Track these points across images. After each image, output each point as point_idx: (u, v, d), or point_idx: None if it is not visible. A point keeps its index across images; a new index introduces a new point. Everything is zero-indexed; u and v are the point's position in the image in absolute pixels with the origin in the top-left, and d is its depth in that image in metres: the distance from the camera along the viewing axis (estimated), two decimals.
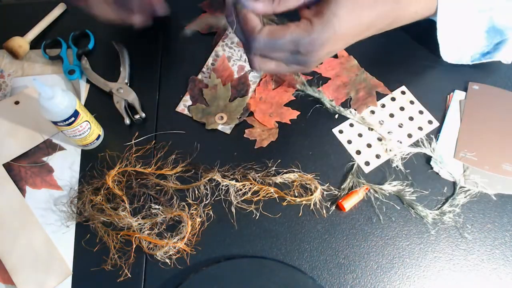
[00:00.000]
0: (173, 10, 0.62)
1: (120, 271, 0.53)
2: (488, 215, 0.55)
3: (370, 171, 0.58)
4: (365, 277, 0.52)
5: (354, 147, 0.59)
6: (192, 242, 0.54)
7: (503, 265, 0.53)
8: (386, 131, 0.60)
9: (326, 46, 0.46)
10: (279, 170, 0.58)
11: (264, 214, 0.55)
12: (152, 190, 0.57)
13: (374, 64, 0.65)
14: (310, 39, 0.45)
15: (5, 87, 0.64)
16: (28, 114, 0.62)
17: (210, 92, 0.63)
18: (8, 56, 0.67)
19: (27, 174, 0.59)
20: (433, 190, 0.56)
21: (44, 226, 0.56)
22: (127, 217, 0.53)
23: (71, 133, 0.55)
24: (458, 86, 0.63)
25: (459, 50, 0.59)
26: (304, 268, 0.53)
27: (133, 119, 0.61)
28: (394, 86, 0.63)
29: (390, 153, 0.58)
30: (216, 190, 0.57)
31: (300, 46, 0.45)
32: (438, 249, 0.53)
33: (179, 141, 0.60)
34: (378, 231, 0.55)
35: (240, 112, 0.61)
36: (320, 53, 0.47)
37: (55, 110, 0.51)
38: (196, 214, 0.55)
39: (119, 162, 0.58)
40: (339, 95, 0.63)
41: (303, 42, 0.45)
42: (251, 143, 0.60)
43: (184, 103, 0.63)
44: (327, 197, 0.56)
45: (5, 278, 0.53)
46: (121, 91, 0.62)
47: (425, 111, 0.61)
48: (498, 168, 0.57)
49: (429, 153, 0.57)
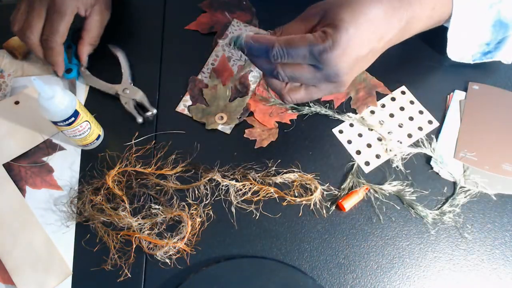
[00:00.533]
0: (173, 10, 0.62)
1: (120, 271, 0.53)
2: (488, 215, 0.55)
3: (370, 171, 0.58)
4: (365, 277, 0.52)
5: (354, 147, 0.59)
6: (192, 242, 0.54)
7: (503, 265, 0.53)
8: (386, 131, 0.60)
9: (346, 53, 0.43)
10: (279, 170, 0.58)
11: (264, 214, 0.55)
12: (152, 190, 0.57)
13: (374, 64, 0.64)
14: (325, 46, 0.42)
15: (5, 87, 0.64)
16: (28, 114, 0.62)
17: (210, 92, 0.63)
18: (8, 56, 0.67)
19: (27, 174, 0.59)
20: (433, 190, 0.56)
21: (44, 226, 0.56)
22: (127, 217, 0.53)
23: (71, 133, 0.55)
24: (458, 86, 0.63)
25: (465, 46, 0.58)
26: (304, 268, 0.53)
27: (144, 117, 0.61)
28: (394, 86, 0.63)
29: (390, 153, 0.58)
30: (216, 190, 0.57)
31: (316, 53, 0.42)
32: (438, 249, 0.53)
33: (179, 141, 0.60)
34: (378, 231, 0.55)
35: (240, 112, 0.61)
36: (342, 63, 0.43)
37: (55, 110, 0.51)
38: (196, 214, 0.55)
39: (119, 162, 0.58)
40: (339, 95, 0.63)
41: (318, 49, 0.42)
42: (251, 143, 0.60)
43: (184, 103, 0.63)
44: (327, 197, 0.56)
45: (5, 278, 0.53)
46: (127, 91, 0.62)
47: (425, 111, 0.61)
48: (498, 168, 0.57)
49: (429, 153, 0.57)
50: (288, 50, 0.43)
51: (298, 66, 0.45)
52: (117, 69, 0.64)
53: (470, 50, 0.59)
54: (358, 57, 0.44)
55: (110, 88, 0.63)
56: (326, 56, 0.42)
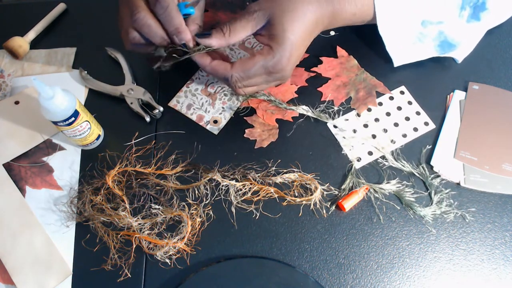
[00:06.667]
0: None
1: (120, 271, 0.53)
2: (488, 215, 0.55)
3: (364, 168, 0.58)
4: (365, 277, 0.52)
5: (348, 142, 0.59)
6: (192, 242, 0.54)
7: (503, 265, 0.53)
8: (381, 128, 0.60)
9: (291, 57, 0.52)
10: (279, 170, 0.58)
11: (264, 214, 0.55)
12: (152, 190, 0.57)
13: (374, 64, 0.65)
14: (275, 60, 0.51)
15: (5, 87, 0.64)
16: (28, 114, 0.62)
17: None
18: (8, 56, 0.67)
19: (27, 174, 0.59)
20: (433, 190, 0.56)
21: (44, 226, 0.56)
22: (127, 217, 0.53)
23: (71, 133, 0.55)
24: (458, 86, 0.63)
25: (408, 56, 0.62)
26: (304, 268, 0.53)
27: (152, 115, 0.61)
28: (394, 86, 0.63)
29: (383, 151, 0.58)
30: (216, 190, 0.57)
31: (270, 68, 0.52)
32: (438, 249, 0.54)
33: (179, 141, 0.60)
34: (378, 231, 0.55)
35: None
36: (289, 65, 0.53)
37: (55, 110, 0.51)
38: (196, 214, 0.55)
39: (119, 162, 0.58)
40: (339, 95, 0.63)
41: (271, 64, 0.51)
42: (251, 143, 0.60)
43: (177, 99, 0.63)
44: (327, 197, 0.56)
45: (5, 278, 0.53)
46: (131, 92, 0.62)
47: (422, 112, 0.61)
48: (498, 168, 0.57)
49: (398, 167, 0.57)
50: (245, 74, 0.52)
51: (252, 77, 0.53)
52: (117, 71, 0.64)
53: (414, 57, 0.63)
54: (299, 55, 0.54)
55: (114, 90, 0.63)
56: (276, 66, 0.52)
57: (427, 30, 0.59)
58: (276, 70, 0.52)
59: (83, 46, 0.68)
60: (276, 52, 0.51)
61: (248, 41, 0.67)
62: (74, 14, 0.71)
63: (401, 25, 0.58)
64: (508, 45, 0.66)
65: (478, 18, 0.60)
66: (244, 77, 0.53)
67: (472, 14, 0.59)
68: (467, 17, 0.59)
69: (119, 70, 0.64)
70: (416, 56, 0.62)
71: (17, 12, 0.72)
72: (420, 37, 0.59)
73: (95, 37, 0.69)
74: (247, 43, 0.67)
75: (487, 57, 0.65)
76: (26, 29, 0.67)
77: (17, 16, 0.71)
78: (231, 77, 0.53)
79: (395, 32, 0.59)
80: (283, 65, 0.52)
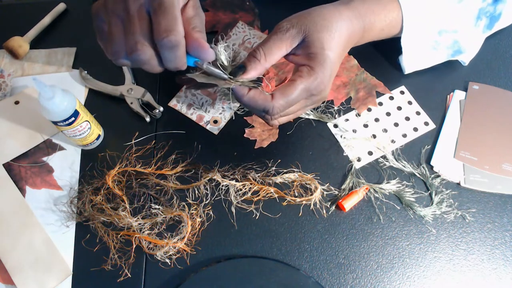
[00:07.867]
0: None
1: (120, 271, 0.53)
2: (488, 215, 0.55)
3: (364, 168, 0.58)
4: (365, 277, 0.52)
5: (348, 142, 0.59)
6: (192, 242, 0.54)
7: (503, 265, 0.53)
8: (381, 128, 0.60)
9: (332, 76, 0.49)
10: (279, 170, 0.58)
11: (264, 214, 0.55)
12: (152, 190, 0.57)
13: (374, 64, 0.65)
14: (318, 81, 0.47)
15: (5, 87, 0.64)
16: (28, 114, 0.62)
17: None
18: (8, 56, 0.67)
19: (27, 174, 0.59)
20: (434, 190, 0.56)
21: (44, 226, 0.56)
22: (127, 217, 0.53)
23: (71, 133, 0.55)
24: (458, 86, 0.63)
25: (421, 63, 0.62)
26: (304, 268, 0.53)
27: (152, 115, 0.61)
28: (394, 86, 0.63)
29: (384, 151, 0.58)
30: (216, 190, 0.57)
31: (312, 90, 0.48)
32: (438, 249, 0.54)
33: (179, 141, 0.60)
34: (378, 231, 0.55)
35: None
36: (329, 85, 0.50)
37: (55, 110, 0.51)
38: (196, 214, 0.55)
39: (119, 162, 0.58)
40: (339, 95, 0.63)
41: (313, 86, 0.48)
42: (251, 143, 0.60)
43: (177, 99, 0.63)
44: (327, 197, 0.56)
45: (5, 278, 0.53)
46: (131, 92, 0.62)
47: (422, 112, 0.61)
48: (498, 168, 0.57)
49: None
50: (286, 103, 0.47)
51: (292, 104, 0.49)
52: (117, 71, 0.64)
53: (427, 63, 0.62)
54: (336, 71, 0.51)
55: (114, 90, 0.63)
56: (319, 87, 0.48)
57: (442, 38, 0.58)
58: (318, 91, 0.48)
59: (83, 46, 0.68)
60: (318, 72, 0.47)
61: (248, 41, 0.67)
62: (74, 14, 0.71)
63: (421, 35, 0.57)
64: (508, 46, 0.66)
65: (492, 28, 0.60)
66: (285, 105, 0.48)
67: (488, 25, 0.59)
68: (483, 28, 0.59)
69: (119, 70, 0.64)
70: (428, 63, 0.61)
71: (17, 12, 0.72)
72: (435, 45, 0.59)
73: (95, 37, 0.68)
74: (247, 43, 0.67)
75: (487, 57, 0.65)
76: (26, 29, 0.67)
77: (17, 16, 0.71)
78: (273, 108, 0.47)
79: (415, 43, 0.58)
80: (325, 84, 0.48)
